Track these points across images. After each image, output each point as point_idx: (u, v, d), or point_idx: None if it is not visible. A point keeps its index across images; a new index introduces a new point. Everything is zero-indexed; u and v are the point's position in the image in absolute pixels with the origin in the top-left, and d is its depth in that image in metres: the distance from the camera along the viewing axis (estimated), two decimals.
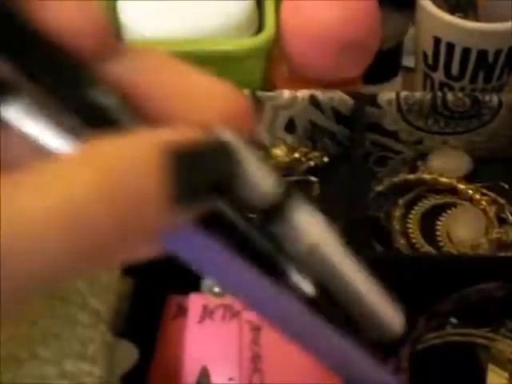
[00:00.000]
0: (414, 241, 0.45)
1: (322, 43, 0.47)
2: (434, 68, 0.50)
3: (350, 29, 0.46)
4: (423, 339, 0.40)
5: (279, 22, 0.48)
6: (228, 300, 0.38)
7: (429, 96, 0.47)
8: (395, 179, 0.47)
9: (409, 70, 0.57)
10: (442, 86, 0.50)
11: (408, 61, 0.57)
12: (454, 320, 0.41)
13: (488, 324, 0.42)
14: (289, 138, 0.50)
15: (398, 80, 0.58)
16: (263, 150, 0.50)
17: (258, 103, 0.48)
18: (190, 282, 0.41)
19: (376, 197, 0.47)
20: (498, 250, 0.44)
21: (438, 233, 0.46)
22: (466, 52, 0.47)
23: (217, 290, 0.40)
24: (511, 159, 0.49)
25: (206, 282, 0.41)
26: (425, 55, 0.50)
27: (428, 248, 0.45)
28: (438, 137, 0.50)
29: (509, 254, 0.43)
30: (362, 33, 0.47)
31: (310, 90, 0.47)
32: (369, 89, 0.57)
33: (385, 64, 0.58)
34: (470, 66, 0.48)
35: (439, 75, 0.50)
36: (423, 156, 0.50)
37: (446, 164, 0.50)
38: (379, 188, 0.47)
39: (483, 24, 0.46)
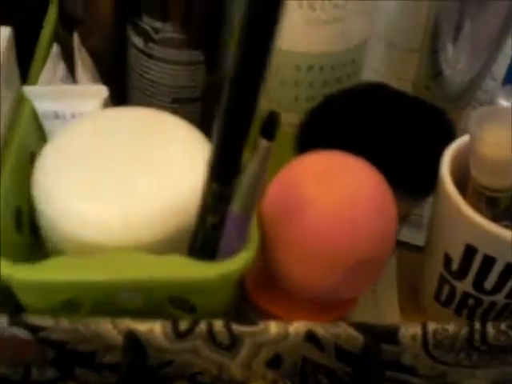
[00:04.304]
0: None
1: (325, 263, 0.34)
2: (460, 277, 0.38)
3: (362, 246, 0.34)
4: None
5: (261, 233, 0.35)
6: None
7: (464, 330, 0.35)
8: None
9: (410, 247, 0.45)
10: (465, 296, 0.39)
11: (409, 235, 0.45)
12: None
13: None
14: (270, 374, 0.37)
15: (393, 262, 0.46)
16: None
17: (235, 339, 0.34)
18: None
19: None
20: None
21: None
22: (509, 267, 0.36)
23: None
24: None
25: None
26: (447, 259, 0.38)
27: None
28: (465, 370, 0.38)
29: None
30: (376, 249, 0.35)
31: (306, 323, 0.34)
32: None
33: None
34: (511, 281, 0.37)
35: (465, 285, 0.38)
36: None
37: None
38: None
39: None
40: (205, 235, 0.33)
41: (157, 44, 0.38)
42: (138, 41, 0.39)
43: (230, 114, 0.28)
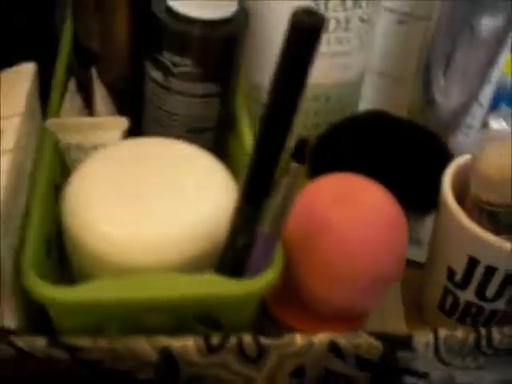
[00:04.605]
0: None
1: (346, 280, 0.36)
2: (462, 287, 0.41)
3: (382, 263, 0.37)
4: None
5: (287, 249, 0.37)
6: None
7: (472, 336, 0.38)
8: None
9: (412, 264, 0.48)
10: (468, 305, 0.42)
11: (414, 253, 0.48)
12: None
13: None
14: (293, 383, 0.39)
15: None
16: None
17: (262, 352, 0.37)
18: None
19: None
20: None
21: None
22: (509, 275, 0.39)
23: None
24: None
25: None
26: (450, 271, 0.41)
27: None
28: (474, 371, 0.41)
29: None
30: (393, 265, 0.37)
31: (328, 334, 0.37)
32: None
33: None
34: (510, 289, 0.40)
35: (467, 295, 0.41)
36: None
37: None
38: None
39: None
40: (234, 254, 0.35)
41: (175, 78, 0.41)
42: (156, 75, 0.42)
43: (264, 140, 0.31)
